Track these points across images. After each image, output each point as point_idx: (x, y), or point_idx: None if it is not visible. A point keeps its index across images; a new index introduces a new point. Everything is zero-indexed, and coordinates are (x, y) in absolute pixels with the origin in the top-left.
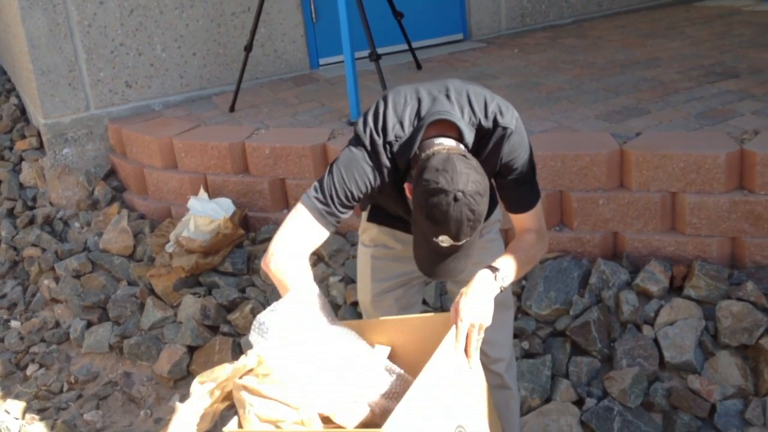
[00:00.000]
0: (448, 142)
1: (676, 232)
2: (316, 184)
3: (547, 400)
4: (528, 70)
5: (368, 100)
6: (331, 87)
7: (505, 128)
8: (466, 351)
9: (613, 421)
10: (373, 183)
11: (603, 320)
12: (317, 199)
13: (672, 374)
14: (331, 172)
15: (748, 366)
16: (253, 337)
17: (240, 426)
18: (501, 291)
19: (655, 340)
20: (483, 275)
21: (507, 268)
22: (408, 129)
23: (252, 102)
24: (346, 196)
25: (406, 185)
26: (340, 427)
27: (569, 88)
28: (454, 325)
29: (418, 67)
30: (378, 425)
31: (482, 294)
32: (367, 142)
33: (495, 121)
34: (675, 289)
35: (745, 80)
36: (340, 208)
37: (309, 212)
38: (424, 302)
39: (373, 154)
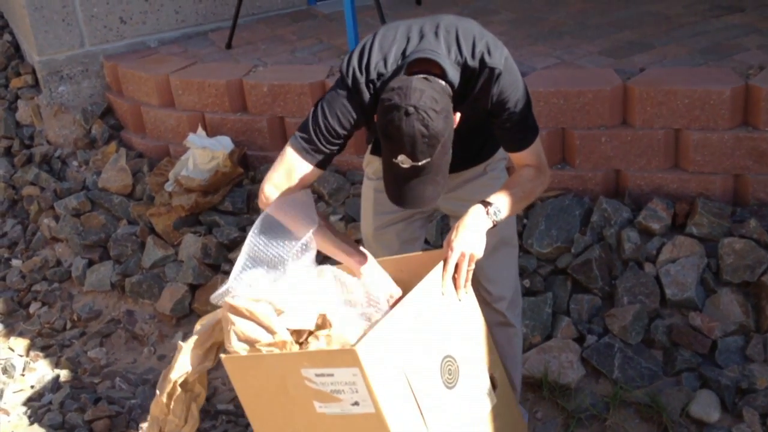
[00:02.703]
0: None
1: (679, 169)
2: (301, 124)
3: (548, 337)
4: (530, 5)
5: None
6: (330, 23)
7: (492, 69)
8: (455, 282)
9: (614, 358)
10: (354, 120)
11: (604, 258)
12: (302, 138)
13: (673, 311)
14: (315, 110)
15: (750, 303)
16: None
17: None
18: (494, 225)
19: (657, 278)
20: (475, 209)
21: (500, 203)
22: (391, 67)
23: (249, 39)
24: (330, 133)
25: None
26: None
27: (572, 23)
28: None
29: (418, 2)
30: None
31: (474, 227)
32: (349, 81)
33: (482, 61)
34: (677, 226)
35: (751, 14)
36: (326, 145)
37: (296, 152)
38: (426, 242)
39: (355, 92)
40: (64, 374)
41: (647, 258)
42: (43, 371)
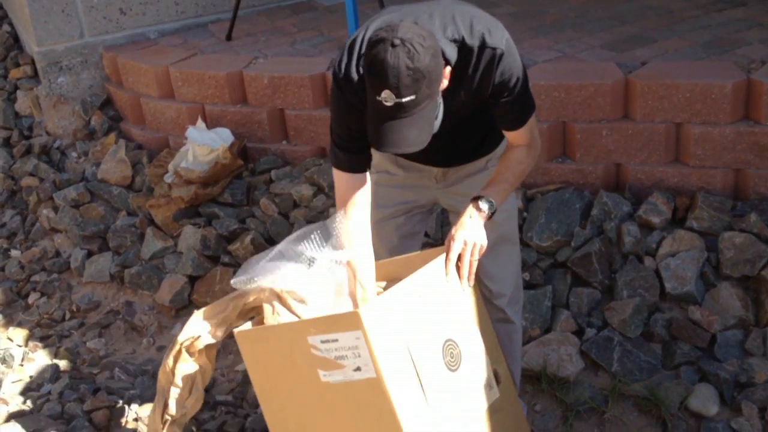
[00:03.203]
0: None
1: (679, 163)
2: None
3: (547, 330)
4: None
5: None
6: (330, 15)
7: (494, 49)
8: (459, 272)
9: (613, 351)
10: (357, 109)
11: (604, 252)
12: (334, 142)
13: (672, 305)
14: (330, 119)
15: (749, 297)
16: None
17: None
18: (490, 216)
19: (657, 272)
20: (469, 208)
21: (492, 193)
22: None
23: (249, 30)
24: (348, 129)
25: None
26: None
27: (574, 16)
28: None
29: None
30: None
31: (470, 222)
32: (341, 72)
33: (483, 40)
34: (678, 220)
35: (753, 8)
36: (353, 143)
37: (334, 167)
38: (426, 235)
39: (346, 82)
40: (63, 364)
41: (647, 252)
42: (41, 361)
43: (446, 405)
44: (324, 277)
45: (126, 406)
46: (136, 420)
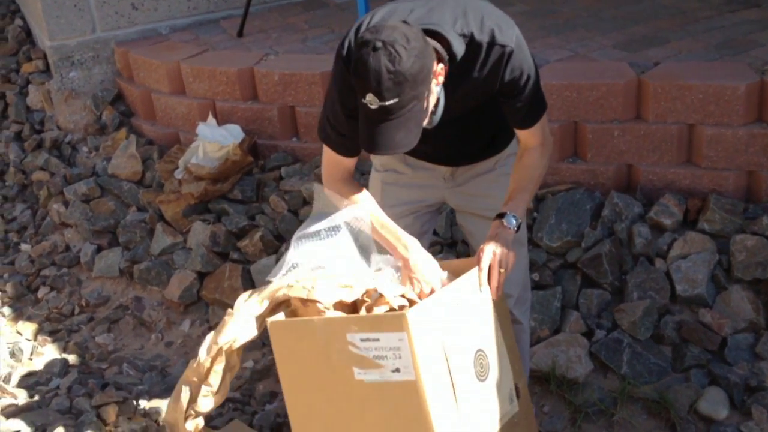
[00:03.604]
0: None
1: (691, 164)
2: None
3: (557, 331)
4: None
5: None
6: (342, 12)
7: (503, 46)
8: (490, 283)
9: (623, 353)
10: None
11: (615, 253)
12: (327, 121)
13: (683, 307)
14: (327, 92)
15: (761, 300)
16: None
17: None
18: (516, 232)
19: (667, 274)
20: (495, 225)
21: (515, 208)
22: None
23: (260, 27)
24: (343, 104)
25: None
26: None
27: (586, 15)
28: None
29: None
30: None
31: (501, 237)
32: (344, 50)
33: (492, 36)
34: (689, 222)
35: (767, 10)
36: (344, 125)
37: (324, 143)
38: (434, 233)
39: (348, 60)
40: (71, 359)
41: (658, 253)
42: (50, 356)
43: (474, 414)
44: (346, 241)
45: (134, 402)
46: (144, 416)
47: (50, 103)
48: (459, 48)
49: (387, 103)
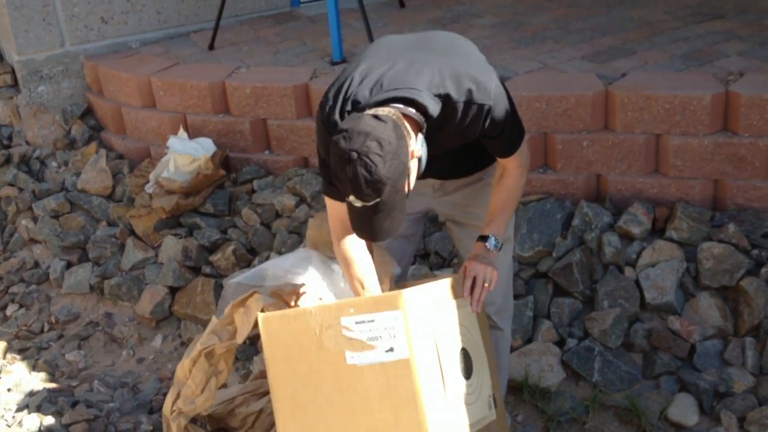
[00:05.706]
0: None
1: (659, 174)
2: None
3: (529, 341)
4: (513, 9)
5: (351, 39)
6: (313, 25)
7: (481, 105)
8: (473, 295)
9: (594, 361)
10: None
11: (585, 262)
12: (323, 172)
13: (652, 315)
14: (316, 147)
15: (728, 307)
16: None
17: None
18: (497, 252)
19: (637, 282)
20: (478, 246)
21: (496, 229)
22: (367, 97)
23: (232, 40)
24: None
25: None
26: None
27: (555, 27)
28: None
29: (401, 4)
30: None
31: (484, 256)
32: (325, 112)
33: (470, 96)
34: (657, 231)
35: (732, 21)
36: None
37: (325, 195)
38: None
39: (327, 122)
40: (41, 377)
41: (627, 262)
42: (20, 374)
43: (459, 405)
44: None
45: (105, 420)
46: None
47: (18, 118)
48: (434, 109)
49: (369, 204)
